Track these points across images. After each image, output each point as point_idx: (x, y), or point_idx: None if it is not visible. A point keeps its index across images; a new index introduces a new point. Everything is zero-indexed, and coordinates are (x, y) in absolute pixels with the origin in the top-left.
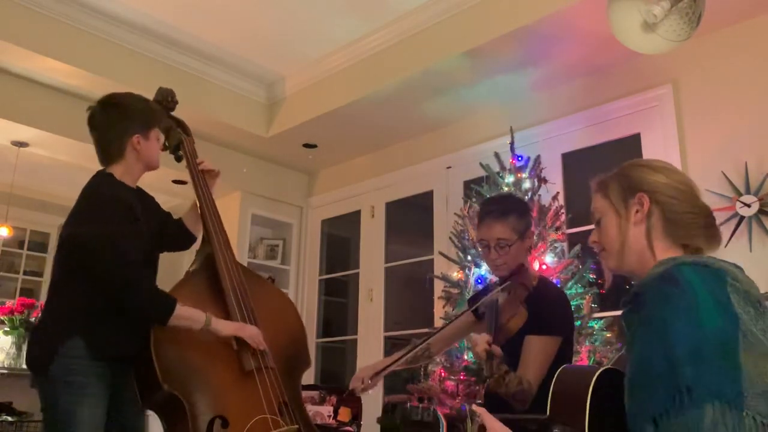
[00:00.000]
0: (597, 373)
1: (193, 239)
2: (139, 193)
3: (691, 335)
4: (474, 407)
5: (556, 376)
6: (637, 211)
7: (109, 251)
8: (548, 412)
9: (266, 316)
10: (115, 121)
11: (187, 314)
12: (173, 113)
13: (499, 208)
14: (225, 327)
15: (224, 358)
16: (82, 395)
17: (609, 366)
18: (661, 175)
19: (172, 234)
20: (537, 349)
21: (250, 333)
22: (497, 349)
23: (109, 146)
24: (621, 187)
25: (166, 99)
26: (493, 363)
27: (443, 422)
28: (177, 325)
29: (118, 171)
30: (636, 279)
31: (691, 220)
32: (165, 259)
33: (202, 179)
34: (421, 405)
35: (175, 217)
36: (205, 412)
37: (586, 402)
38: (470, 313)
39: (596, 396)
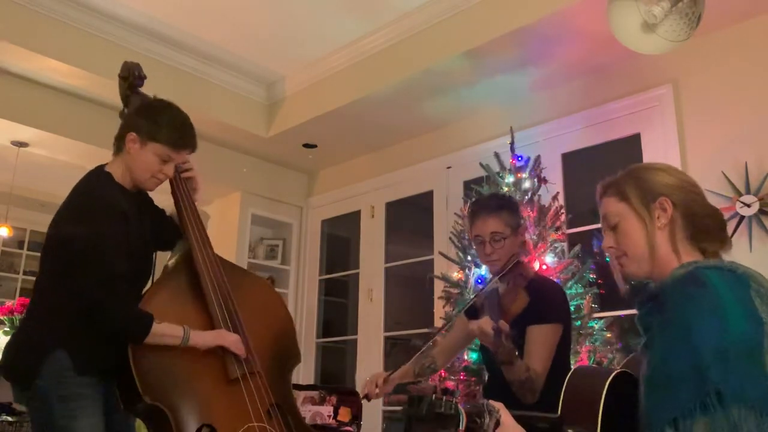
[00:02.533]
0: (611, 377)
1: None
2: (137, 196)
3: (717, 338)
4: (492, 402)
5: (569, 376)
6: (659, 216)
7: (93, 260)
8: (560, 412)
9: (251, 313)
10: (133, 111)
11: (164, 331)
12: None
13: (492, 204)
14: (204, 339)
15: (208, 366)
16: (78, 407)
17: (621, 369)
18: (673, 177)
19: (168, 234)
20: (540, 339)
21: (231, 341)
22: (504, 325)
23: (119, 131)
24: (640, 191)
25: (132, 74)
26: (502, 338)
27: (463, 415)
28: (155, 343)
29: (118, 169)
30: (654, 282)
31: (709, 222)
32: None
33: (178, 176)
34: (444, 397)
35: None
36: (191, 422)
37: (599, 405)
38: (467, 320)
39: (609, 399)
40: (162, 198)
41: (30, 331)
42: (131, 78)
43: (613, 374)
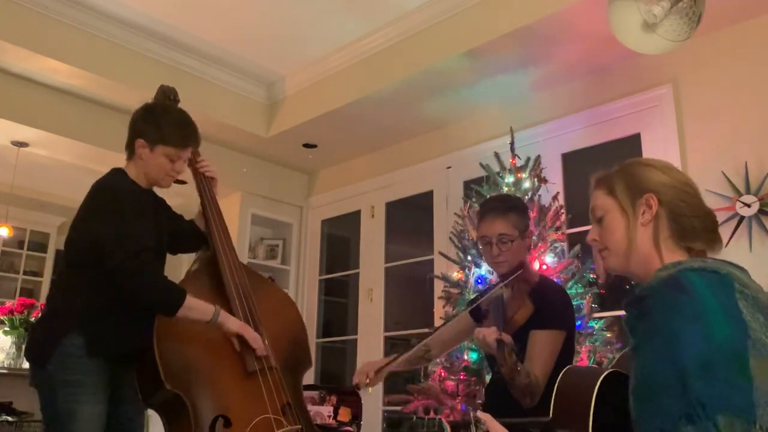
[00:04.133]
0: (601, 377)
1: (207, 239)
2: (152, 194)
3: (701, 346)
4: (479, 414)
5: (559, 378)
6: (644, 213)
7: (121, 241)
8: (551, 415)
9: (268, 317)
10: (138, 118)
11: (197, 305)
12: None
13: (501, 205)
14: (232, 322)
15: (227, 358)
16: (81, 393)
17: (612, 369)
18: (666, 176)
19: (187, 236)
20: (542, 344)
21: (252, 336)
22: (507, 337)
23: (127, 138)
24: (627, 186)
25: (168, 98)
26: (505, 351)
27: (448, 430)
28: (185, 317)
29: (132, 170)
30: (636, 280)
31: (696, 224)
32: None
33: (204, 178)
34: (426, 417)
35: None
36: (208, 412)
37: (590, 406)
38: (469, 317)
39: (600, 399)
40: (169, 199)
41: (47, 321)
42: (166, 102)
43: (604, 374)
